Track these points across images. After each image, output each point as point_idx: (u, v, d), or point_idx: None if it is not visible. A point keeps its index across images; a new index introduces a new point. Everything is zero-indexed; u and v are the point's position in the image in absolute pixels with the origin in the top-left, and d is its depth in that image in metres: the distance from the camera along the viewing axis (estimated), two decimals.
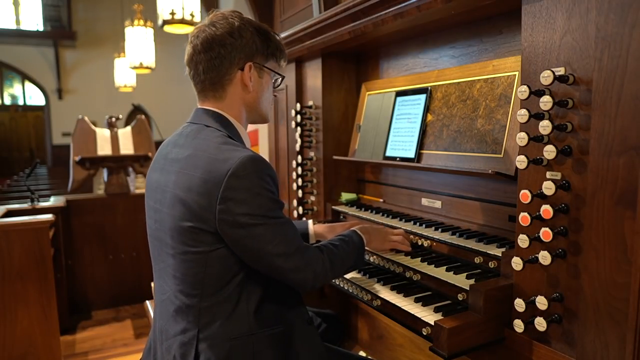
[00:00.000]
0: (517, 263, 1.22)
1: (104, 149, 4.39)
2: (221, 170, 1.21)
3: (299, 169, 2.51)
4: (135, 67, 6.62)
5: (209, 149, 1.28)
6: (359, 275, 1.74)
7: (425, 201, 1.96)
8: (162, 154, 1.42)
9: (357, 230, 1.58)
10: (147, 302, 2.52)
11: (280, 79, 1.52)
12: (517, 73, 1.50)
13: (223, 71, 1.36)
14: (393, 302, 1.49)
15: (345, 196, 2.38)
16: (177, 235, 1.28)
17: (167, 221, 1.31)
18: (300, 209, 2.50)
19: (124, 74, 9.64)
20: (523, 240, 1.20)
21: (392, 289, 1.58)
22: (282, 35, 2.37)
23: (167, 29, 4.65)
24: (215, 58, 1.34)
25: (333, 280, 1.84)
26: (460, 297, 1.41)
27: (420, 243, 1.75)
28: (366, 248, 1.58)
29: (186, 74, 1.43)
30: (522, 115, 1.17)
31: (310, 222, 1.89)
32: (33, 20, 13.04)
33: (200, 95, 1.43)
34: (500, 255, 1.40)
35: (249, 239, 1.24)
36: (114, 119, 4.63)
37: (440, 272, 1.51)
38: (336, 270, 1.43)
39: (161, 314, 1.40)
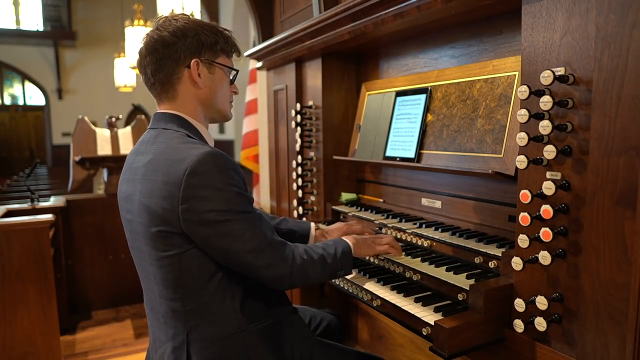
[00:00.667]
0: (517, 263, 1.22)
1: (104, 149, 4.39)
2: (179, 169, 1.20)
3: (299, 169, 2.51)
4: (135, 67, 6.61)
5: (166, 151, 1.27)
6: (359, 275, 1.74)
7: (425, 201, 1.96)
8: (127, 164, 1.41)
9: (343, 237, 1.57)
10: None
11: (235, 73, 1.48)
12: (517, 73, 1.50)
13: (170, 70, 1.35)
14: (393, 302, 1.49)
15: (345, 196, 2.38)
16: (149, 242, 1.27)
17: (139, 230, 1.31)
18: (300, 209, 2.50)
19: (124, 74, 9.63)
20: (523, 240, 1.20)
21: (392, 289, 1.58)
22: (282, 35, 2.37)
23: None
24: (160, 59, 1.34)
25: (333, 280, 1.84)
26: (460, 297, 1.41)
27: (420, 243, 1.75)
28: (355, 255, 1.54)
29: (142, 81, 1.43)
30: (522, 115, 1.17)
31: (312, 225, 1.87)
32: (33, 20, 13.03)
33: (157, 100, 1.42)
34: (500, 255, 1.40)
35: (217, 237, 1.22)
36: (114, 119, 4.63)
37: (440, 272, 1.51)
38: (317, 268, 1.39)
39: (152, 322, 1.41)
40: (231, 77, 1.47)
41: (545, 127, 1.13)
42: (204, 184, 1.19)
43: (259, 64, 2.91)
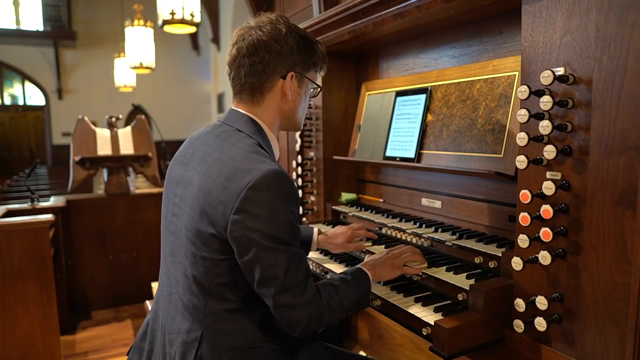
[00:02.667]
0: (517, 263, 1.22)
1: (104, 149, 4.39)
2: (243, 180, 1.18)
3: (299, 169, 2.51)
4: (135, 67, 6.62)
5: (236, 157, 1.24)
6: None
7: (425, 201, 1.96)
8: (190, 150, 1.39)
9: (362, 267, 1.47)
10: (147, 302, 2.52)
11: (319, 89, 1.50)
12: (517, 73, 1.50)
13: (265, 77, 1.34)
14: (393, 302, 1.49)
15: (345, 196, 2.38)
16: (192, 237, 1.26)
17: (184, 219, 1.30)
18: (300, 209, 2.50)
19: (124, 74, 9.64)
20: (523, 240, 1.20)
21: (392, 288, 1.58)
22: None
23: (167, 29, 4.65)
24: (258, 63, 1.32)
25: None
26: (460, 297, 1.41)
27: (420, 243, 1.75)
28: (375, 281, 1.48)
29: (225, 74, 1.40)
30: (522, 115, 1.17)
31: (316, 229, 1.83)
32: (33, 20, 13.04)
33: (236, 97, 1.40)
34: (500, 255, 1.40)
35: (252, 258, 1.18)
36: (114, 119, 4.63)
37: (440, 272, 1.51)
38: (334, 313, 1.31)
39: (166, 307, 1.38)
40: (314, 92, 1.49)
41: (545, 127, 1.13)
42: (261, 201, 1.17)
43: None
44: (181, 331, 1.31)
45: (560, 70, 1.13)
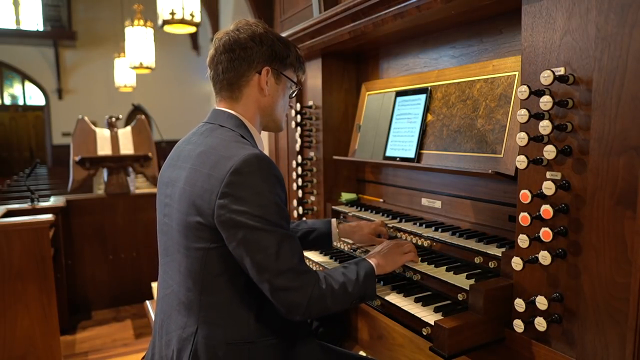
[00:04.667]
0: (517, 263, 1.22)
1: (104, 149, 4.39)
2: (225, 165, 1.22)
3: (299, 169, 2.51)
4: (135, 67, 6.62)
5: (218, 146, 1.30)
6: None
7: (425, 201, 1.96)
8: (176, 152, 1.45)
9: (366, 259, 1.48)
10: (147, 302, 2.53)
11: (297, 89, 1.54)
12: (517, 73, 1.50)
13: (241, 72, 1.39)
14: (393, 302, 1.49)
15: (345, 196, 2.38)
16: (182, 230, 1.29)
17: (175, 216, 1.33)
18: (300, 209, 2.50)
19: (124, 74, 9.64)
20: (523, 240, 1.20)
21: (392, 289, 1.58)
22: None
23: (167, 29, 4.65)
24: (235, 59, 1.38)
25: None
26: (460, 297, 1.41)
27: (420, 243, 1.75)
28: (379, 274, 1.48)
29: (207, 76, 1.46)
30: (522, 115, 1.17)
31: (334, 220, 1.84)
32: (33, 20, 13.04)
33: (218, 96, 1.46)
34: (500, 255, 1.40)
35: (242, 242, 1.19)
36: (114, 119, 4.63)
37: (440, 272, 1.51)
38: (338, 298, 1.30)
39: (163, 308, 1.40)
40: (292, 92, 1.53)
41: (545, 127, 1.13)
42: (245, 184, 1.20)
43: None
44: (178, 328, 1.32)
45: (560, 70, 1.13)
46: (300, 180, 2.51)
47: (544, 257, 1.16)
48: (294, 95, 1.56)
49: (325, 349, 1.51)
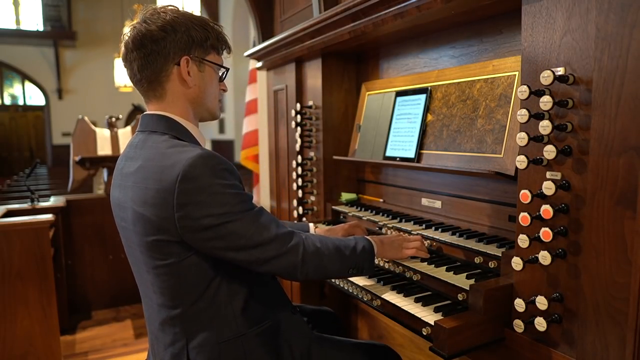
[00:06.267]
0: (517, 263, 1.22)
1: (104, 149, 4.39)
2: (171, 176, 1.15)
3: (299, 169, 2.51)
4: None
5: (156, 157, 1.22)
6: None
7: (425, 201, 1.96)
8: (118, 169, 1.37)
9: (367, 237, 1.48)
10: None
11: (225, 71, 1.42)
12: (517, 73, 1.50)
13: (158, 68, 1.28)
14: (393, 302, 1.49)
15: (345, 196, 2.38)
16: (145, 251, 1.25)
17: (134, 239, 1.27)
18: (300, 209, 2.50)
19: (124, 74, 9.62)
20: (523, 240, 1.20)
21: (392, 288, 1.58)
22: (282, 35, 2.37)
23: None
24: (148, 55, 1.27)
25: (332, 280, 1.84)
26: (460, 297, 1.41)
27: None
28: (379, 258, 1.51)
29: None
30: (522, 115, 1.17)
31: (312, 225, 1.84)
32: (33, 20, 13.04)
33: (144, 98, 1.36)
34: (500, 255, 1.40)
35: (219, 240, 1.18)
36: (114, 119, 4.63)
37: (440, 272, 1.51)
38: (333, 258, 1.32)
39: (150, 329, 1.39)
40: (221, 75, 1.41)
41: (545, 127, 1.13)
42: (198, 188, 1.15)
43: (259, 64, 2.91)
44: (167, 346, 1.31)
45: (560, 70, 1.13)
46: (300, 180, 2.51)
47: (544, 257, 1.16)
48: (224, 78, 1.43)
49: (318, 336, 1.52)
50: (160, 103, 1.34)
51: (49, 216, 3.00)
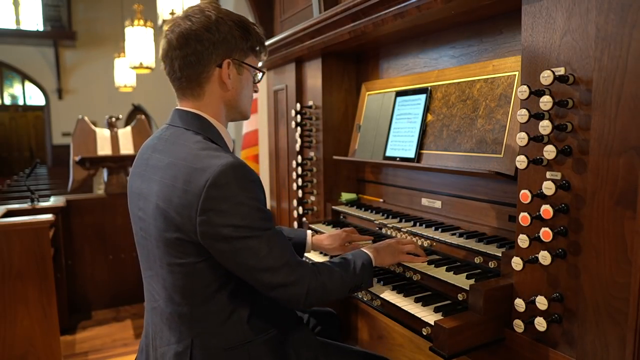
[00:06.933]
0: (517, 263, 1.22)
1: (104, 149, 4.39)
2: (200, 180, 1.16)
3: (299, 169, 2.51)
4: (135, 67, 6.60)
5: (187, 157, 1.22)
6: None
7: (425, 201, 1.96)
8: (142, 159, 1.37)
9: (364, 249, 1.50)
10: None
11: (261, 74, 1.45)
12: (517, 73, 1.50)
13: (200, 69, 1.29)
14: (393, 302, 1.49)
15: (345, 196, 2.38)
16: (163, 246, 1.25)
17: (152, 231, 1.27)
18: (300, 209, 2.50)
19: (124, 74, 9.62)
20: (523, 240, 1.20)
21: (392, 289, 1.58)
22: (282, 35, 2.37)
23: None
24: (191, 54, 1.27)
25: None
26: (460, 297, 1.41)
27: (420, 243, 1.75)
28: (377, 265, 1.51)
29: (162, 69, 1.36)
30: (522, 115, 1.17)
31: (309, 232, 1.82)
32: (33, 20, 13.03)
33: (178, 94, 1.36)
34: (500, 255, 1.40)
35: (233, 253, 1.18)
36: (114, 119, 4.63)
37: (440, 272, 1.51)
38: (335, 286, 1.33)
39: (153, 320, 1.38)
40: (256, 78, 1.44)
41: (545, 127, 1.13)
42: (224, 197, 1.15)
43: (259, 64, 2.91)
44: (171, 343, 1.30)
45: (560, 70, 1.13)
46: (300, 180, 2.51)
47: (544, 257, 1.16)
48: (260, 80, 1.46)
49: (321, 342, 1.53)
50: (195, 102, 1.34)
51: (49, 216, 3.01)
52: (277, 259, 1.22)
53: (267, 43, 2.55)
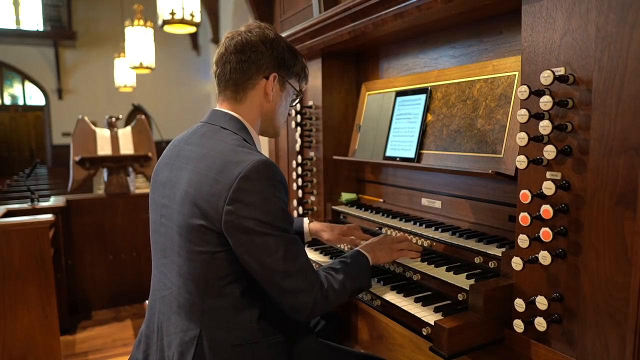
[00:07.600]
0: (517, 263, 1.22)
1: (104, 149, 4.39)
2: (233, 172, 1.21)
3: (299, 169, 2.51)
4: (135, 67, 6.62)
5: (224, 151, 1.28)
6: None
7: (425, 201, 1.96)
8: (174, 151, 1.43)
9: (360, 250, 1.52)
10: (147, 302, 2.52)
11: (298, 98, 1.56)
12: (517, 73, 1.50)
13: (249, 75, 1.39)
14: (393, 302, 1.49)
15: (345, 196, 2.38)
16: (185, 233, 1.28)
17: (175, 218, 1.31)
18: (300, 209, 2.50)
19: (124, 74, 9.64)
20: (523, 240, 1.20)
21: (392, 289, 1.58)
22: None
23: (167, 29, 4.65)
24: (245, 61, 1.38)
25: None
26: (460, 297, 1.41)
27: (420, 243, 1.75)
28: (373, 264, 1.52)
29: (211, 72, 1.46)
30: (522, 115, 1.17)
31: (305, 219, 1.87)
32: (33, 20, 13.03)
33: (220, 95, 1.45)
34: (500, 255, 1.40)
35: (251, 247, 1.21)
36: (114, 119, 4.63)
37: (440, 272, 1.51)
38: (338, 295, 1.35)
39: (161, 309, 1.39)
40: (294, 101, 1.55)
41: (545, 127, 1.13)
42: (253, 190, 1.20)
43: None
44: (178, 331, 1.31)
45: (560, 70, 1.13)
46: (300, 180, 2.51)
47: (544, 257, 1.16)
48: (295, 104, 1.57)
49: (324, 344, 1.53)
50: (236, 105, 1.42)
51: (49, 216, 3.01)
52: (292, 264, 1.24)
53: None
